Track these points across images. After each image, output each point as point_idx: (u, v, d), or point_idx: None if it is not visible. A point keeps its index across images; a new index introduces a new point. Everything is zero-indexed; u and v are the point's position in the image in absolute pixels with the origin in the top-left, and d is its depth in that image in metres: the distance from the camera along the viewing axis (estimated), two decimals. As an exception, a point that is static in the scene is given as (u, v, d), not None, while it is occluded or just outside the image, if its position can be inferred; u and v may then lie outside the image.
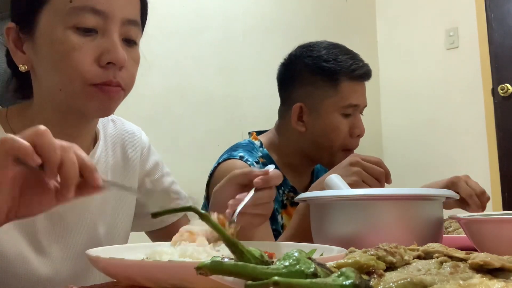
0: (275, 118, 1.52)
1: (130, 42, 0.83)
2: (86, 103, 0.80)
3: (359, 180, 1.01)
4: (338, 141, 1.33)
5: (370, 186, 1.02)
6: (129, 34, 0.83)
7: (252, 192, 0.82)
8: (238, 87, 2.88)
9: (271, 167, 0.86)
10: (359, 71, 1.34)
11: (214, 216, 0.76)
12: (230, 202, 0.81)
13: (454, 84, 3.42)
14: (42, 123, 0.81)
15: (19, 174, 0.59)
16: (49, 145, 0.58)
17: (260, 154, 1.37)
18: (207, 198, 1.35)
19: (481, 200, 1.19)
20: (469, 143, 3.31)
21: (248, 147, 1.38)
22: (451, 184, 1.21)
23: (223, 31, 2.89)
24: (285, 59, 1.45)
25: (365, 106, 1.40)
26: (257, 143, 1.41)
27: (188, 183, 1.25)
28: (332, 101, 1.32)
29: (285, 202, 1.38)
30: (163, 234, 1.00)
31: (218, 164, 1.35)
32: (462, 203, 1.21)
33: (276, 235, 1.29)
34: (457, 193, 1.20)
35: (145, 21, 0.90)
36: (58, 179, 0.60)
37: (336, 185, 0.87)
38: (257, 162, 1.33)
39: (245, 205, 0.79)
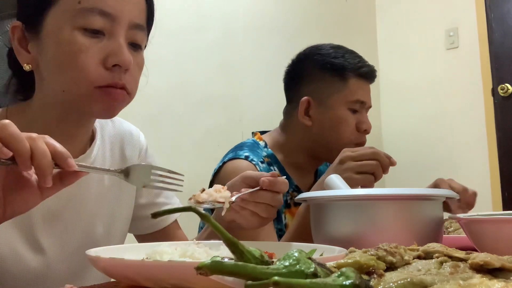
0: (275, 117, 1.52)
1: (136, 47, 0.83)
2: (91, 105, 0.80)
3: (351, 175, 1.00)
4: (345, 134, 1.34)
5: (365, 183, 1.01)
6: (135, 38, 0.83)
7: (256, 189, 0.82)
8: (238, 86, 2.89)
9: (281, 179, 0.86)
10: (366, 69, 1.38)
11: (218, 187, 0.80)
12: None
13: (454, 84, 3.42)
14: (42, 122, 0.84)
15: None
16: (16, 136, 0.58)
17: (265, 153, 1.37)
18: None
19: (466, 197, 1.20)
20: (469, 143, 3.31)
21: (253, 146, 1.39)
22: (434, 187, 1.23)
23: (223, 30, 2.89)
24: (292, 59, 1.47)
25: (370, 107, 1.43)
26: (261, 143, 1.42)
27: (188, 182, 1.25)
28: (341, 95, 1.35)
29: (289, 201, 1.38)
30: (152, 239, 1.01)
31: (223, 163, 1.35)
32: (445, 206, 1.21)
33: (281, 234, 1.30)
34: None
35: (151, 27, 0.90)
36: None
37: (336, 185, 0.87)
38: (262, 162, 1.34)
39: (245, 195, 0.81)
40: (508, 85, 3.20)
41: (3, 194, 0.61)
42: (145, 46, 0.90)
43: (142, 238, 1.05)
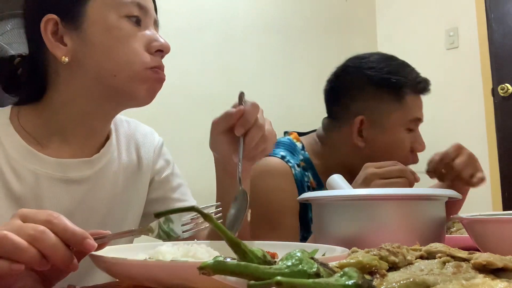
0: (275, 117, 1.50)
1: None
2: (140, 86, 0.84)
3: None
4: (400, 157, 1.17)
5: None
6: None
7: (241, 142, 0.81)
8: (238, 86, 2.88)
9: (248, 103, 0.83)
10: (423, 84, 1.28)
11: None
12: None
13: (454, 84, 3.42)
14: (64, 119, 0.86)
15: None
16: (19, 247, 0.52)
17: (301, 157, 1.29)
18: None
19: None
20: (469, 143, 3.30)
21: (290, 147, 1.29)
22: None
23: (223, 30, 2.89)
24: (337, 70, 1.34)
25: (423, 121, 1.33)
26: (299, 144, 1.32)
27: (189, 182, 1.25)
28: (399, 115, 1.24)
29: None
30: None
31: None
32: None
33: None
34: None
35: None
36: None
37: (338, 185, 0.87)
38: (298, 165, 1.26)
39: (242, 159, 0.79)
40: (508, 85, 3.20)
41: (38, 274, 0.59)
42: None
43: None
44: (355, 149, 1.25)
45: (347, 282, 0.32)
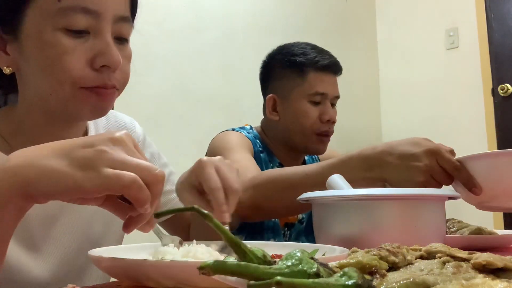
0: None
1: (122, 40, 0.78)
2: (79, 107, 0.76)
3: (425, 180, 0.90)
4: (308, 125, 1.43)
5: (431, 185, 0.92)
6: (121, 31, 0.77)
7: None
8: (238, 86, 2.89)
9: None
10: (323, 62, 1.46)
11: None
12: None
13: (454, 84, 3.42)
14: (29, 126, 0.80)
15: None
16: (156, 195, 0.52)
17: (258, 141, 1.48)
18: None
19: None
20: (469, 143, 3.31)
21: (239, 128, 1.50)
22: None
23: (223, 30, 2.89)
24: (263, 60, 1.59)
25: (337, 96, 1.50)
26: (247, 127, 1.53)
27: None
28: (300, 89, 1.44)
29: None
30: (174, 221, 1.03)
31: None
32: None
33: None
34: None
35: (135, 15, 0.84)
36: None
37: (338, 185, 0.87)
38: (249, 133, 1.46)
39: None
40: (508, 85, 3.20)
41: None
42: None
43: (166, 224, 1.04)
44: (276, 123, 1.49)
45: (347, 282, 0.32)
